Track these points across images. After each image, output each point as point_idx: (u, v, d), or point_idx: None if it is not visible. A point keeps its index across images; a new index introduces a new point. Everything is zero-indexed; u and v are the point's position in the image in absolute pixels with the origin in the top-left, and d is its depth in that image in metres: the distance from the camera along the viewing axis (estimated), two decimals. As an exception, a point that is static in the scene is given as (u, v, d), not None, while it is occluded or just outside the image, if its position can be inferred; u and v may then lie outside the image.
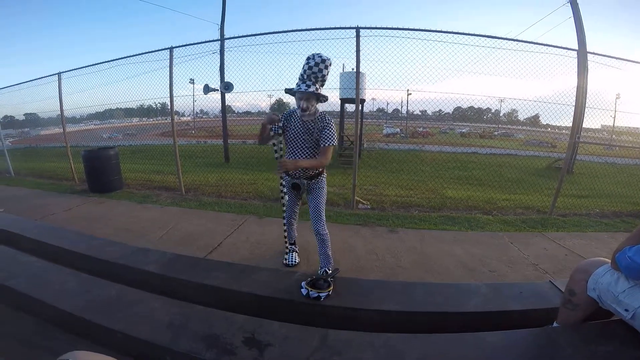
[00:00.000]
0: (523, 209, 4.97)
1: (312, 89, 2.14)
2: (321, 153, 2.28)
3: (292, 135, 2.33)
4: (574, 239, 3.59)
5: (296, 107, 2.28)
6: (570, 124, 4.51)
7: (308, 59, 2.14)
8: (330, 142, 2.24)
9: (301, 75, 2.18)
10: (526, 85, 5.19)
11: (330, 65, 2.17)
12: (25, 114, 10.96)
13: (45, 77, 7.00)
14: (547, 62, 4.55)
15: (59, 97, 6.65)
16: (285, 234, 2.94)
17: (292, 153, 2.36)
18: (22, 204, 5.19)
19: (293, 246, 2.99)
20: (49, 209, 4.83)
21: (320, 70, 2.13)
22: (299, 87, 2.17)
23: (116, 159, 6.13)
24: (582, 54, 4.33)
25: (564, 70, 4.52)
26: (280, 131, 2.35)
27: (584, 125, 5.44)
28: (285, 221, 2.84)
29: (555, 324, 1.62)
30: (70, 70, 6.57)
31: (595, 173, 8.02)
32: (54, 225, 3.71)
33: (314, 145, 2.30)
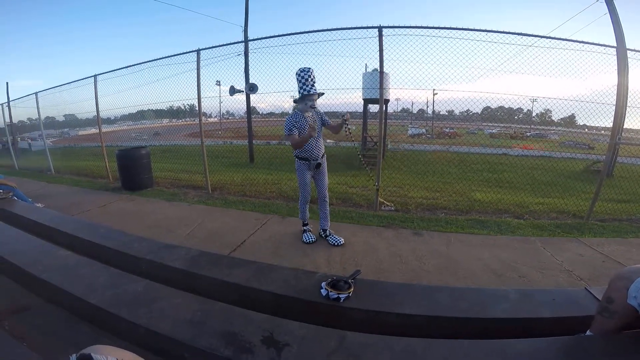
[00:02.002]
0: (557, 213, 4.73)
1: (316, 89, 3.02)
2: (331, 124, 3.22)
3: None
4: (613, 245, 3.38)
5: (302, 107, 3.07)
6: (610, 125, 4.25)
7: (302, 71, 2.96)
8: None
9: (302, 84, 2.97)
10: (560, 84, 4.94)
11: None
12: (64, 115, 11.60)
13: (82, 79, 7.39)
14: (583, 59, 4.32)
15: (95, 98, 6.99)
16: (302, 215, 3.51)
17: (311, 141, 3.05)
18: (61, 201, 5.50)
19: (308, 226, 3.55)
20: (84, 205, 5.09)
21: (314, 77, 2.98)
22: (308, 91, 2.96)
23: (147, 159, 6.38)
24: (621, 51, 4.07)
25: (603, 68, 4.27)
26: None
27: (625, 126, 5.09)
28: (302, 201, 3.43)
29: (588, 333, 1.53)
30: (104, 73, 6.91)
31: (638, 177, 7.51)
32: (89, 221, 3.89)
33: (321, 129, 3.21)
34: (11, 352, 1.48)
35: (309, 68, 2.97)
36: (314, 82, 2.98)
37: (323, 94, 3.18)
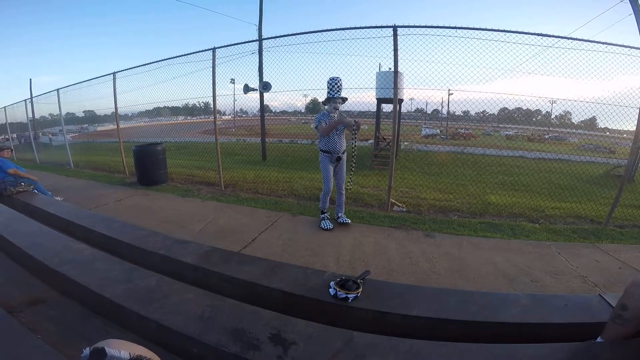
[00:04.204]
0: (574, 218, 4.61)
1: (340, 95, 3.56)
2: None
3: None
4: (631, 252, 3.27)
5: (329, 109, 3.58)
6: (633, 128, 4.11)
7: (331, 80, 3.50)
8: None
9: (330, 89, 3.50)
10: (581, 85, 4.80)
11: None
12: (84, 111, 11.91)
13: (101, 76, 7.56)
14: (606, 61, 4.18)
15: (114, 95, 7.14)
16: (322, 204, 3.89)
17: (334, 136, 3.62)
18: (79, 194, 5.66)
19: (327, 214, 3.90)
20: (101, 199, 5.22)
21: (340, 85, 3.52)
22: (333, 95, 3.51)
23: (163, 155, 6.49)
24: (646, 52, 3.93)
25: (626, 70, 4.13)
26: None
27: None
28: (324, 192, 3.83)
29: (599, 339, 1.49)
30: (123, 70, 7.05)
31: (662, 182, 7.24)
32: (105, 215, 3.99)
33: (342, 129, 3.68)
34: (26, 344, 1.52)
35: (338, 78, 3.51)
36: (340, 89, 3.53)
37: (347, 99, 3.70)
